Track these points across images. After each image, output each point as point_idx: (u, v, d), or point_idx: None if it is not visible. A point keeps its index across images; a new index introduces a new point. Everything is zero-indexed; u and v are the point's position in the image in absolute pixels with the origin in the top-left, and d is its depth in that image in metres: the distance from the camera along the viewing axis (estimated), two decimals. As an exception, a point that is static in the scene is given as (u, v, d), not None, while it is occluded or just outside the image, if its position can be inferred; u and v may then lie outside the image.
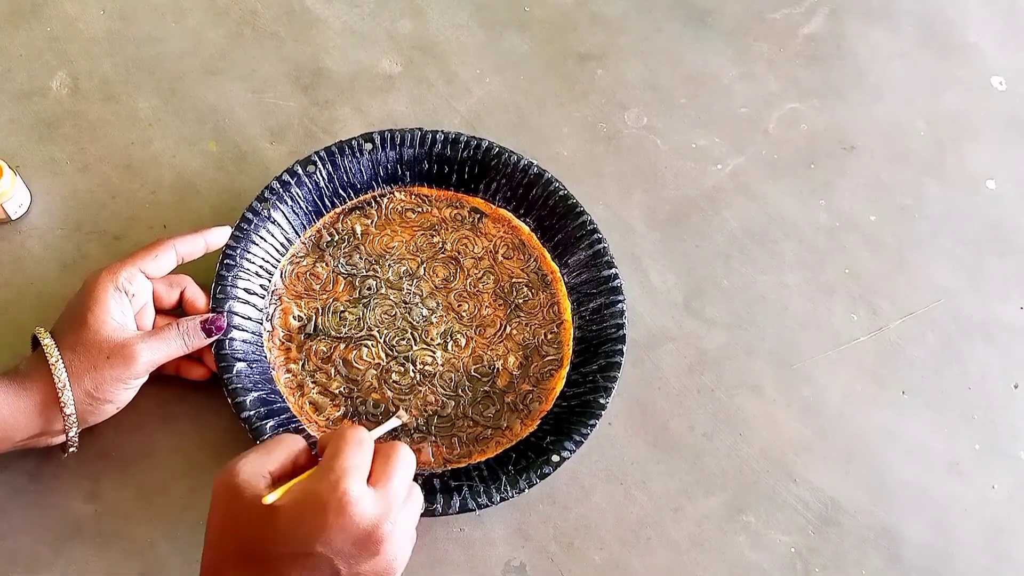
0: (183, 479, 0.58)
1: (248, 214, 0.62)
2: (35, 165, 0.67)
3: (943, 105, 0.78)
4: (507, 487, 0.56)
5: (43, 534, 0.56)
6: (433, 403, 0.61)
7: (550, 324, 0.64)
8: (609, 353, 0.61)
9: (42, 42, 0.71)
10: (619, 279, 0.63)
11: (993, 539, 0.62)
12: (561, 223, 0.65)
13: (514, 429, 0.61)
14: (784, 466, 0.63)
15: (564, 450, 0.57)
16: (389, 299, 0.64)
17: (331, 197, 0.65)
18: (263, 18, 0.75)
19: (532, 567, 0.59)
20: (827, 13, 0.81)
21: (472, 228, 0.67)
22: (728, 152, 0.73)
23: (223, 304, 0.59)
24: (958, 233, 0.73)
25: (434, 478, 0.58)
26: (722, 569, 0.60)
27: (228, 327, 0.58)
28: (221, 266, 0.60)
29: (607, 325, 0.62)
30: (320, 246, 0.65)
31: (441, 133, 0.66)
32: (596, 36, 0.77)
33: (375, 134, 0.65)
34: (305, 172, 0.64)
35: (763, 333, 0.67)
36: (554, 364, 0.63)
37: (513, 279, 0.65)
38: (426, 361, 0.62)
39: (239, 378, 0.57)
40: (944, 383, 0.67)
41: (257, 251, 0.62)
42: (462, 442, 0.60)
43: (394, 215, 0.66)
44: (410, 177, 0.67)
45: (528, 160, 0.66)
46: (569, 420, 0.59)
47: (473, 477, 0.58)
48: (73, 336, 0.52)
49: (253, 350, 0.60)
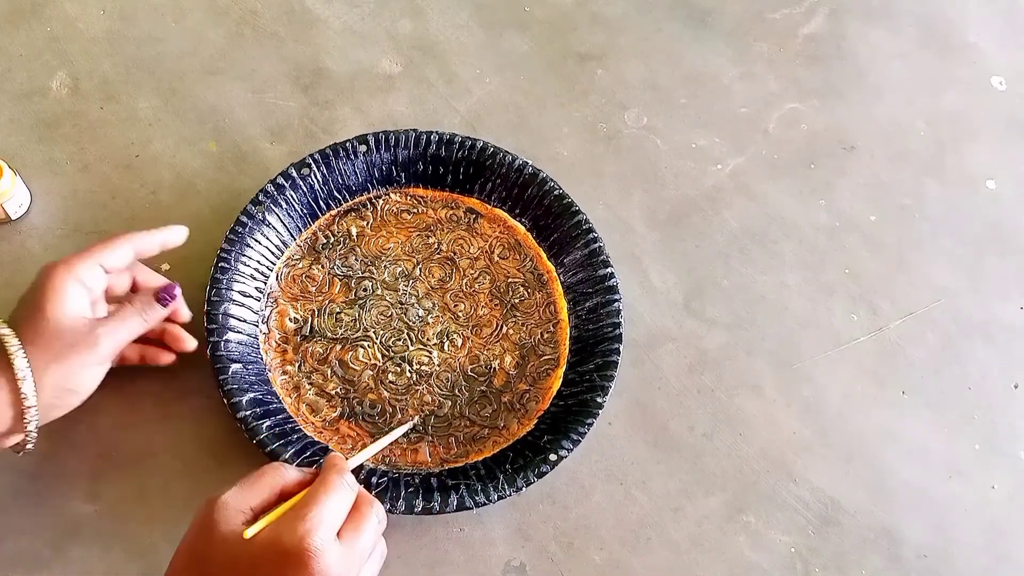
0: (183, 479, 0.58)
1: (243, 217, 0.62)
2: (35, 165, 0.67)
3: (943, 105, 0.78)
4: (504, 486, 0.56)
5: (43, 534, 0.56)
6: (430, 403, 0.61)
7: (546, 324, 0.64)
8: (606, 352, 0.61)
9: (42, 42, 0.71)
10: (615, 278, 0.63)
11: (993, 539, 0.62)
12: (556, 223, 0.65)
13: (511, 429, 0.61)
14: (784, 466, 0.63)
15: (562, 449, 0.58)
16: (385, 300, 0.64)
17: (326, 199, 0.65)
18: (263, 18, 0.75)
19: (532, 567, 0.59)
20: (827, 13, 0.81)
21: (468, 228, 0.67)
22: (728, 152, 0.73)
23: (218, 307, 0.59)
24: (958, 233, 0.73)
25: (431, 477, 0.58)
26: (722, 569, 0.60)
27: (174, 296, 0.55)
28: (216, 269, 0.60)
29: (603, 324, 0.62)
30: (316, 248, 0.65)
31: (435, 134, 0.66)
32: (596, 36, 0.77)
33: (369, 136, 0.65)
34: (300, 175, 0.64)
35: (763, 333, 0.67)
36: (551, 363, 0.63)
37: (509, 279, 0.65)
38: (422, 361, 0.62)
39: (235, 379, 0.57)
40: (944, 383, 0.67)
41: (252, 254, 0.62)
42: (459, 442, 0.60)
43: (389, 216, 0.66)
44: (405, 178, 0.67)
45: (523, 160, 0.66)
46: (566, 419, 0.59)
47: (470, 476, 0.58)
48: (32, 329, 0.50)
49: (249, 352, 0.60)
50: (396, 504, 0.55)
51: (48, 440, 0.58)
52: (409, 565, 0.58)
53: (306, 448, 0.57)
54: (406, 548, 0.58)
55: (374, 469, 0.58)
